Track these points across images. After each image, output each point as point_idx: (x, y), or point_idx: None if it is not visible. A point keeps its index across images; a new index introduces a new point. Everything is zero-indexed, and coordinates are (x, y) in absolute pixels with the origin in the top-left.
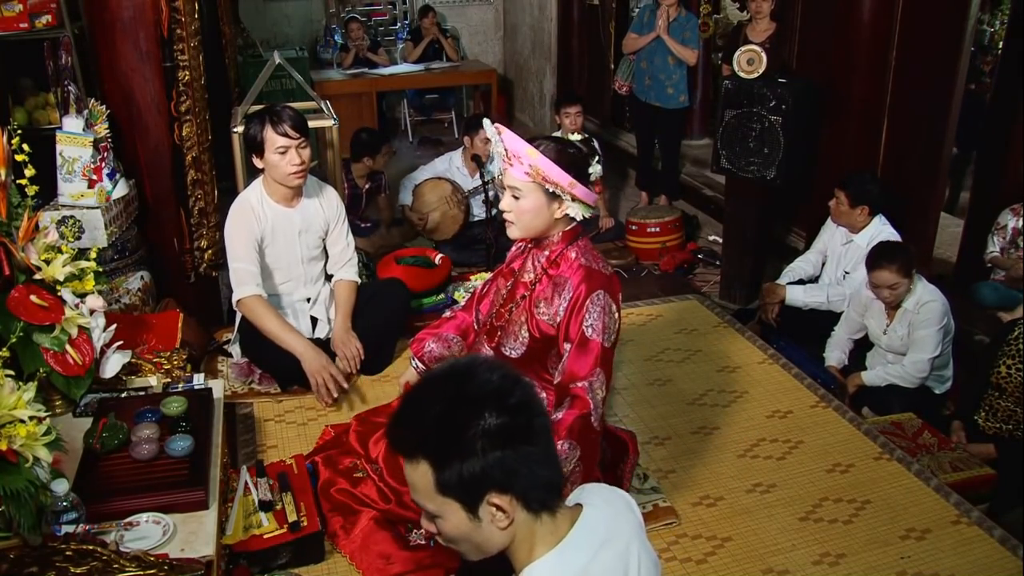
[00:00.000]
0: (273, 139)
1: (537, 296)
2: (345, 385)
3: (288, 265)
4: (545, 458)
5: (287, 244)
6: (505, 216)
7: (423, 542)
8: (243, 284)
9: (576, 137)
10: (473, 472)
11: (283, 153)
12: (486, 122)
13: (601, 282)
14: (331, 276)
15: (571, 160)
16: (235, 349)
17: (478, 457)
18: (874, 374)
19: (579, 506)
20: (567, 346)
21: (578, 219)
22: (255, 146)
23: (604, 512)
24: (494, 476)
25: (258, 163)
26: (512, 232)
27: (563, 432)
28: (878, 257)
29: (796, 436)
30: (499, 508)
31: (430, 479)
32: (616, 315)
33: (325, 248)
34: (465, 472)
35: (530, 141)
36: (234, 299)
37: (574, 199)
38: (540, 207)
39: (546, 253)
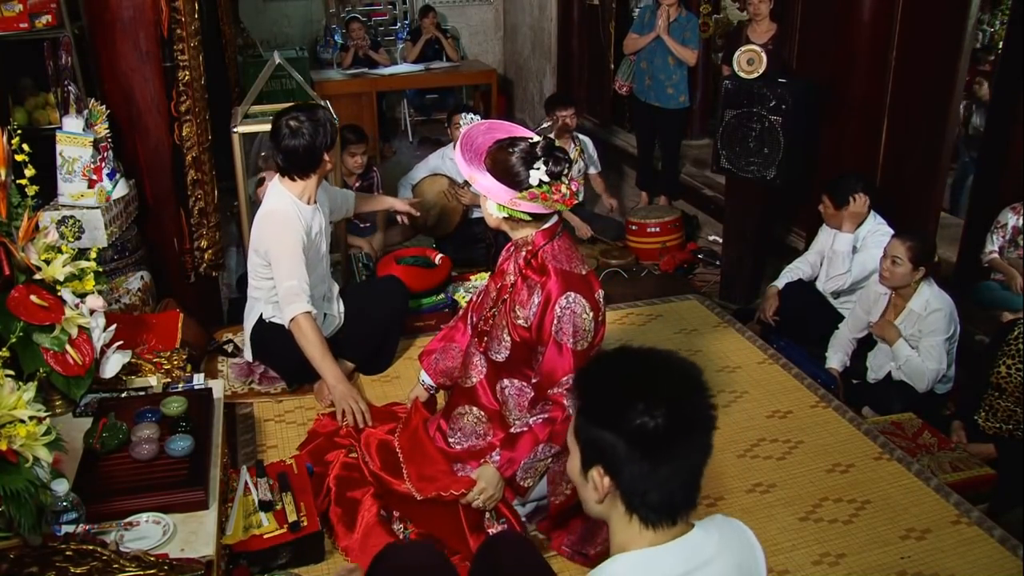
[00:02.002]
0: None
1: (514, 300)
2: (370, 421)
3: (318, 262)
4: (669, 480)
5: (319, 241)
6: None
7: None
8: (297, 300)
9: (535, 138)
10: (597, 443)
11: None
12: (462, 115)
13: (572, 283)
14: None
15: (502, 157)
16: (247, 352)
17: (614, 437)
18: (902, 344)
19: (691, 524)
20: (540, 348)
21: (500, 215)
22: (328, 144)
23: (715, 539)
24: (616, 468)
25: (330, 156)
26: None
27: (543, 436)
28: (901, 231)
29: (796, 436)
30: (596, 485)
31: (577, 418)
32: (590, 315)
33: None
34: (595, 435)
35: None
36: (286, 316)
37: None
38: (483, 200)
39: (523, 253)
